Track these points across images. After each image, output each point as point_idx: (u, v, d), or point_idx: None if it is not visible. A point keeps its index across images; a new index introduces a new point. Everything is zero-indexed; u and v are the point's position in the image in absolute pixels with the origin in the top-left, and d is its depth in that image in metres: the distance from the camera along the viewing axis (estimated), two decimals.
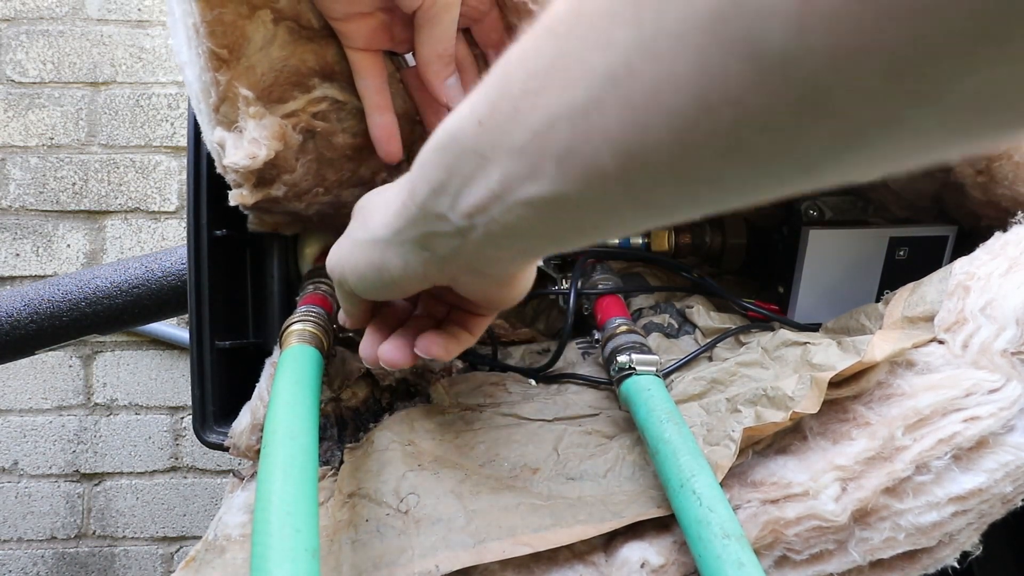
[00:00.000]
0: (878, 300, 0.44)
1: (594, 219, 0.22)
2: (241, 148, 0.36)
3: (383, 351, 0.36)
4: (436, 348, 0.35)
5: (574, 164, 0.20)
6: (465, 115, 0.23)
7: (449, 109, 0.42)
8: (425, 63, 0.38)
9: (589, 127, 0.18)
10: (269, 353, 0.47)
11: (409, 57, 0.40)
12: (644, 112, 0.17)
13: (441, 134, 0.24)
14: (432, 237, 0.26)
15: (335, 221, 0.48)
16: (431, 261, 0.28)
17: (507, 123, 0.21)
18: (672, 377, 0.47)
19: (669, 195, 0.19)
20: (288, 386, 0.35)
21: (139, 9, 1.31)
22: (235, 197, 0.39)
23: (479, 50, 0.41)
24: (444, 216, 0.25)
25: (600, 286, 0.53)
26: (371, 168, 0.44)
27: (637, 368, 0.42)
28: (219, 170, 0.40)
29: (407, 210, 0.27)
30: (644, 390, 0.40)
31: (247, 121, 0.36)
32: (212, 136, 0.37)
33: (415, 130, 0.44)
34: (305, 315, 0.42)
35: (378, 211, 0.30)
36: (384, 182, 0.46)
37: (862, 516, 0.32)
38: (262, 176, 0.39)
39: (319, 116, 0.40)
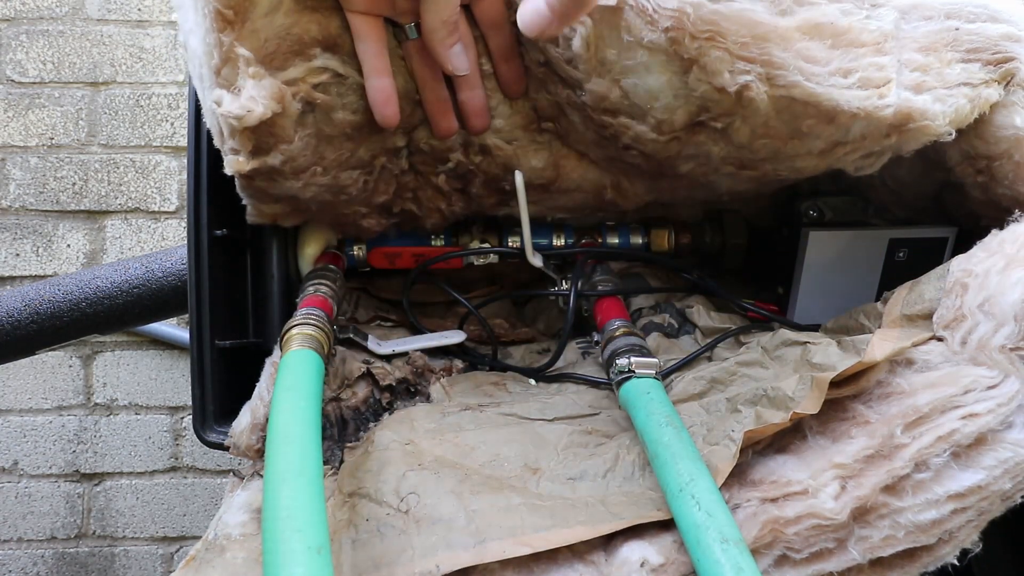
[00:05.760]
0: (877, 301, 0.45)
1: None
2: (237, 102, 0.36)
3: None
4: None
5: None
6: None
7: (453, 78, 0.41)
8: (430, 30, 0.38)
9: None
10: (269, 353, 0.47)
11: (411, 29, 0.40)
12: None
13: None
14: None
15: (334, 210, 0.48)
16: None
17: None
18: (672, 376, 0.47)
19: None
20: (290, 393, 0.35)
21: (139, 9, 1.31)
22: (231, 164, 0.39)
23: (478, 31, 0.41)
24: None
25: (600, 287, 0.53)
26: (370, 150, 0.44)
27: (636, 371, 0.42)
28: (216, 143, 0.39)
29: None
30: (643, 393, 0.40)
31: (246, 80, 0.37)
32: (210, 96, 0.38)
33: (415, 112, 0.44)
34: (305, 318, 0.42)
35: None
36: (383, 166, 0.46)
37: (862, 514, 0.32)
38: (259, 144, 0.39)
39: (319, 88, 0.40)
